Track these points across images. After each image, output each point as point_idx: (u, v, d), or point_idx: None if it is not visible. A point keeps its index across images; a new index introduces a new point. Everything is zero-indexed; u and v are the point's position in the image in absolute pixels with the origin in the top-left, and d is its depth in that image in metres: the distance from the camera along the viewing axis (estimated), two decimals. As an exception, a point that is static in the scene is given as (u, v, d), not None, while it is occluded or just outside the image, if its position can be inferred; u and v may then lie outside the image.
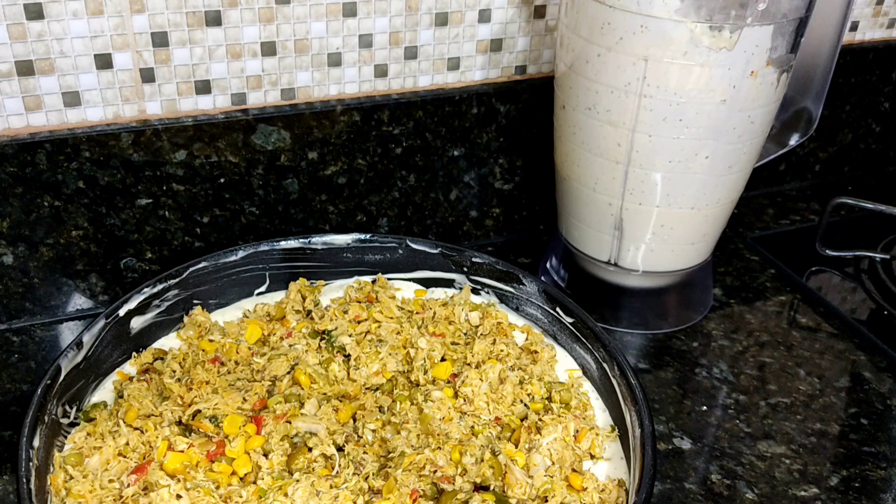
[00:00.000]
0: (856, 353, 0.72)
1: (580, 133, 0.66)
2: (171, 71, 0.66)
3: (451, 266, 0.70)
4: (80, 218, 0.68)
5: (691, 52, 0.58)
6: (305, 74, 0.71)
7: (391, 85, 0.75)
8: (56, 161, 0.65)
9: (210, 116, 0.69)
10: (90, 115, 0.66)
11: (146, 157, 0.67)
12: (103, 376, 0.60)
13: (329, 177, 0.75)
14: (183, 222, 0.71)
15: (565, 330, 0.65)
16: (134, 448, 0.53)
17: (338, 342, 0.62)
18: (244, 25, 0.67)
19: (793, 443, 0.62)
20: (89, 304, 0.71)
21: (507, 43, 0.77)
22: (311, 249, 0.69)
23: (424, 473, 0.52)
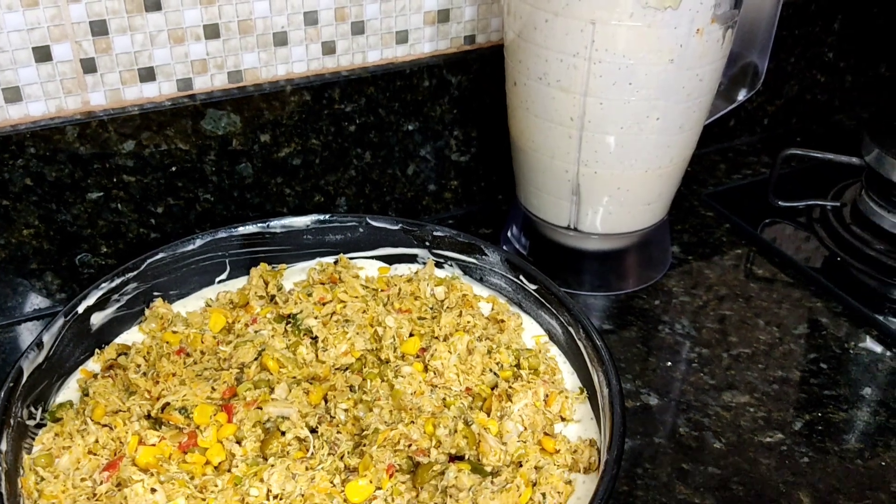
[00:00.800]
0: (812, 300, 0.74)
1: (533, 104, 0.66)
2: (112, 60, 0.65)
3: (412, 241, 0.70)
4: (31, 216, 0.66)
5: (638, 13, 0.58)
6: (252, 56, 0.70)
7: (340, 62, 0.74)
8: (1, 159, 0.63)
9: (156, 104, 0.67)
10: (32, 109, 0.64)
11: (93, 149, 0.66)
12: (67, 375, 0.59)
13: (283, 159, 0.74)
14: (136, 214, 0.70)
15: (530, 297, 0.66)
16: (104, 445, 0.53)
17: (304, 325, 0.62)
18: (185, 9, 0.65)
19: (756, 391, 0.64)
20: (47, 303, 0.70)
21: (454, 13, 0.77)
22: (270, 234, 0.69)
23: (399, 448, 0.52)
